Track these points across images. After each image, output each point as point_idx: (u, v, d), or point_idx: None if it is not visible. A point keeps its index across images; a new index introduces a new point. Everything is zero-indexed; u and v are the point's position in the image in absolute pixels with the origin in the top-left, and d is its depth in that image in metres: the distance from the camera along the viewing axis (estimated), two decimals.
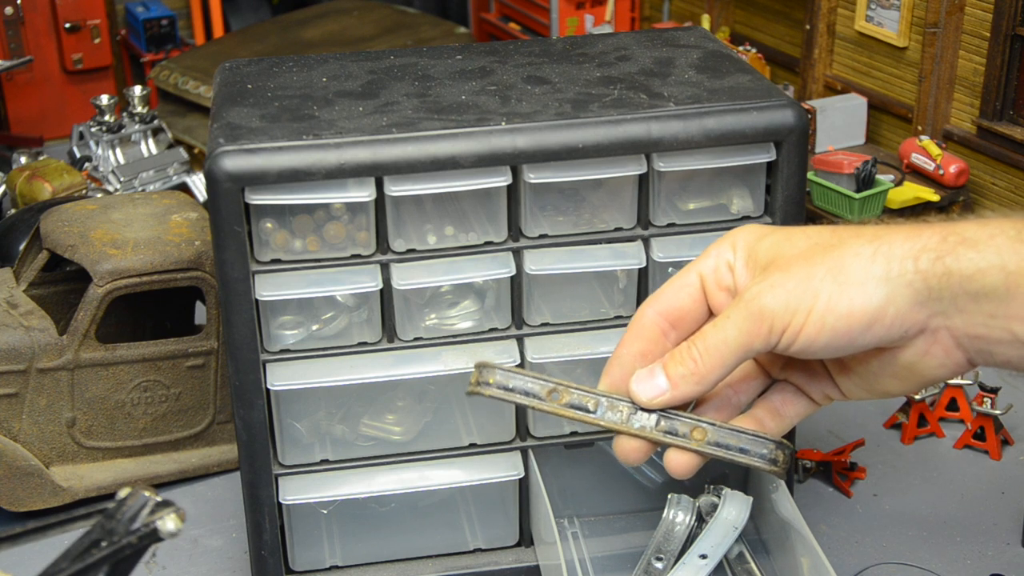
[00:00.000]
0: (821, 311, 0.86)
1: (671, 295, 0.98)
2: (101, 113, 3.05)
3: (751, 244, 0.94)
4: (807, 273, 0.87)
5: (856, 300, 0.85)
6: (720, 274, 0.95)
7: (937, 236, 0.85)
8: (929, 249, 0.84)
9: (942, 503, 2.08)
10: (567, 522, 1.97)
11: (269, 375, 1.73)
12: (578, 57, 1.92)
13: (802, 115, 1.72)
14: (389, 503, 1.90)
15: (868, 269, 0.85)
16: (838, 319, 0.85)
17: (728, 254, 0.96)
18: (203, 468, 2.20)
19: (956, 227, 0.85)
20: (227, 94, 1.80)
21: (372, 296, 1.74)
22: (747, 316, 0.88)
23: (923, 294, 0.84)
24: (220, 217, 1.63)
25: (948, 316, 0.85)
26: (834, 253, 0.87)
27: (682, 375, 0.92)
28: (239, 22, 3.96)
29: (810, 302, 0.86)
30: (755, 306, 0.88)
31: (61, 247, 2.10)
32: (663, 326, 0.98)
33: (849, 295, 0.85)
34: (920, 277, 0.84)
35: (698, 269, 0.98)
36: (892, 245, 0.86)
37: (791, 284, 0.87)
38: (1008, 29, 2.45)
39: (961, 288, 0.83)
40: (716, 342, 0.90)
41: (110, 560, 0.90)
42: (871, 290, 0.85)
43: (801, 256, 0.88)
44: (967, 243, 0.83)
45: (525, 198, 1.73)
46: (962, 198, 2.56)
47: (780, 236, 0.92)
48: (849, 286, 0.85)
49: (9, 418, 2.07)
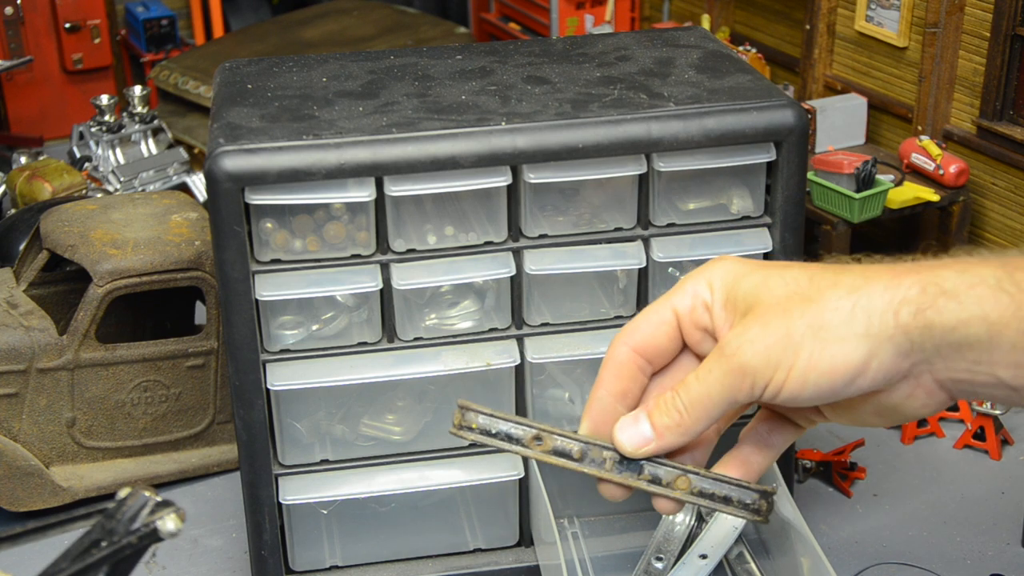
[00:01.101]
0: (803, 368, 0.86)
1: (647, 332, 0.96)
2: (101, 113, 3.05)
3: (729, 285, 0.92)
4: (786, 328, 0.86)
5: (838, 357, 0.85)
6: (697, 314, 0.94)
7: (917, 287, 0.84)
8: (909, 301, 0.84)
9: (942, 503, 2.08)
10: (567, 522, 1.97)
11: (269, 375, 1.73)
12: (578, 57, 1.92)
13: (802, 115, 1.72)
14: (389, 503, 1.90)
15: (848, 326, 0.85)
16: (820, 376, 0.86)
17: (705, 293, 0.93)
18: (203, 468, 2.20)
19: (935, 275, 0.84)
20: (227, 94, 1.80)
21: (372, 296, 1.74)
22: (728, 372, 0.88)
23: (905, 347, 0.84)
24: (220, 217, 1.63)
25: (931, 363, 0.85)
26: (813, 307, 0.86)
27: (667, 426, 0.92)
28: (239, 22, 3.96)
29: (791, 359, 0.86)
30: (735, 362, 0.88)
31: (61, 247, 2.10)
32: (639, 363, 0.96)
33: (831, 352, 0.85)
34: (901, 331, 0.84)
35: (673, 305, 0.95)
36: (871, 298, 0.85)
37: (771, 339, 0.87)
38: (1008, 29, 2.45)
39: (943, 339, 0.83)
40: (700, 395, 0.90)
41: (110, 560, 0.90)
42: (851, 347, 0.85)
43: (779, 307, 0.88)
44: (947, 295, 0.83)
45: (525, 198, 1.73)
46: (962, 198, 2.56)
47: (758, 279, 0.91)
48: (830, 343, 0.85)
49: (9, 418, 2.07)
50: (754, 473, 0.98)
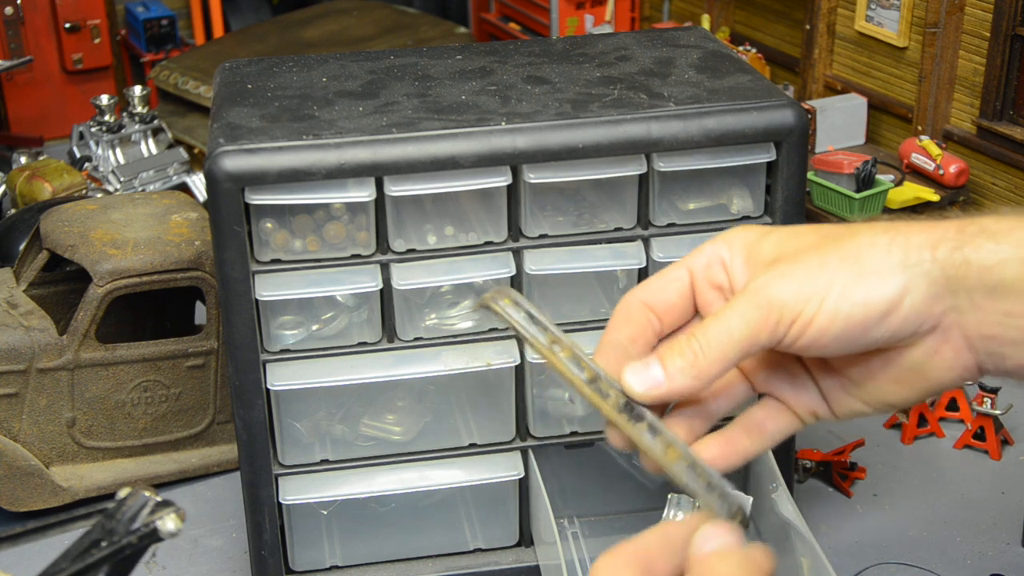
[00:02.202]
0: (835, 299, 0.82)
1: (658, 286, 0.91)
2: (101, 113, 3.05)
3: (751, 242, 0.89)
4: (820, 261, 0.83)
5: (872, 288, 0.81)
6: (712, 271, 0.90)
7: (955, 227, 0.82)
8: (947, 239, 0.82)
9: (942, 503, 2.08)
10: (567, 522, 1.97)
11: (269, 375, 1.73)
12: (578, 57, 1.92)
13: (802, 115, 1.72)
14: (389, 503, 1.90)
15: (885, 258, 0.82)
16: (853, 307, 0.82)
17: (723, 251, 0.89)
18: (203, 468, 2.20)
19: (975, 219, 0.83)
20: (227, 94, 1.80)
21: (372, 296, 1.74)
22: (754, 306, 0.83)
23: (940, 285, 0.82)
24: (220, 217, 1.63)
25: (963, 312, 0.82)
26: (849, 243, 0.84)
27: (680, 368, 0.85)
28: (239, 22, 3.96)
29: (823, 291, 0.82)
30: (763, 296, 0.83)
31: (61, 247, 2.10)
32: (649, 316, 0.91)
33: (865, 283, 0.82)
34: (938, 267, 0.81)
35: (688, 264, 0.91)
36: (909, 235, 0.83)
37: (802, 273, 0.83)
38: (1008, 29, 2.45)
39: (979, 280, 0.81)
40: (719, 334, 0.84)
41: (110, 560, 0.90)
42: (888, 279, 0.81)
43: (812, 246, 0.85)
44: (986, 234, 0.81)
45: (525, 198, 1.73)
46: (962, 198, 2.56)
47: (785, 233, 0.88)
48: (865, 274, 0.82)
49: (9, 418, 2.07)
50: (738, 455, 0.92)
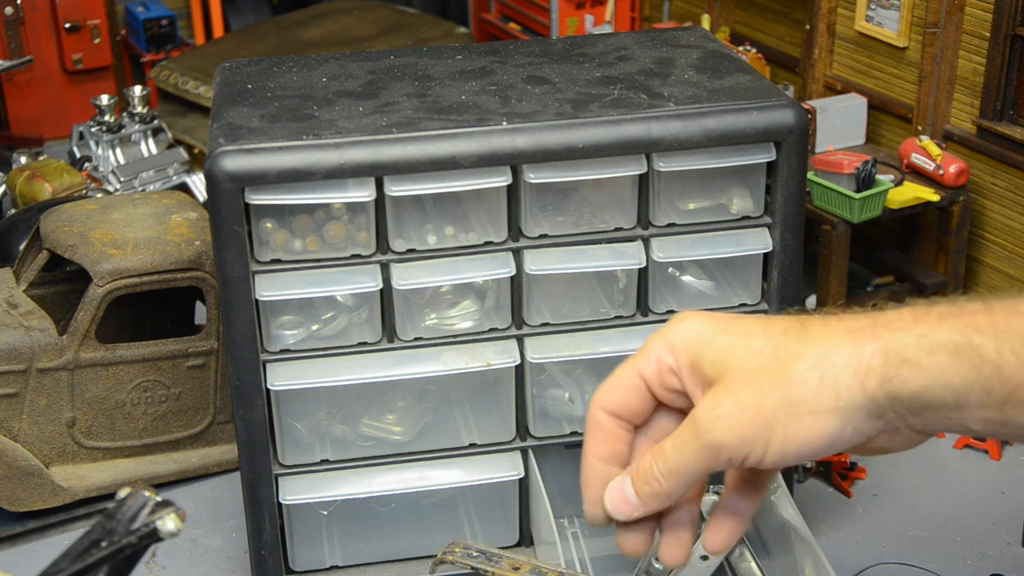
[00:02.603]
0: (780, 443, 0.88)
1: (619, 396, 0.99)
2: (101, 113, 3.05)
3: (692, 351, 0.94)
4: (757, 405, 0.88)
5: (812, 429, 0.87)
6: (664, 378, 0.96)
7: (879, 355, 0.86)
8: (873, 371, 0.86)
9: (942, 503, 2.08)
10: (567, 522, 1.97)
11: (269, 375, 1.73)
12: (578, 57, 1.91)
13: (802, 115, 1.72)
14: (389, 503, 1.90)
15: (818, 399, 0.87)
16: (800, 447, 0.88)
17: (668, 359, 0.95)
18: (203, 468, 2.20)
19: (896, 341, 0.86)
20: (227, 94, 1.80)
21: (372, 296, 1.74)
22: (703, 447, 0.91)
23: (875, 412, 0.87)
24: (220, 217, 1.63)
25: (905, 419, 0.88)
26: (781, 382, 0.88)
27: (648, 493, 0.96)
28: (239, 22, 3.96)
29: (767, 435, 0.88)
30: (709, 439, 0.90)
31: (61, 247, 2.10)
32: (618, 423, 0.99)
33: (805, 425, 0.87)
34: (870, 400, 0.86)
35: (639, 370, 0.97)
36: (836, 369, 0.87)
37: (743, 416, 0.89)
38: (1008, 29, 2.45)
39: (912, 403, 0.86)
40: (677, 465, 0.93)
41: (110, 560, 0.90)
42: (824, 420, 0.87)
43: (748, 380, 0.89)
44: (909, 364, 0.85)
45: (525, 198, 1.73)
46: (962, 198, 2.56)
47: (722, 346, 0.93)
48: (802, 416, 0.87)
49: (9, 418, 2.07)
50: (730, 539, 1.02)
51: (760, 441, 0.88)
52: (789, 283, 1.82)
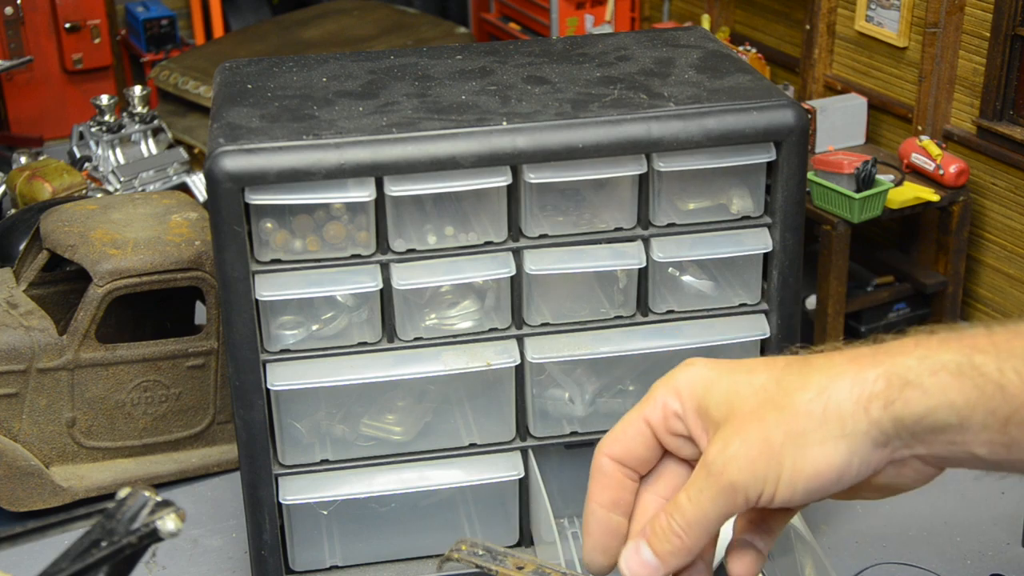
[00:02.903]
0: (789, 477, 0.89)
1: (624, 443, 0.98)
2: (101, 113, 3.05)
3: (698, 395, 0.95)
4: (765, 440, 0.89)
5: (820, 461, 0.88)
6: (669, 423, 0.96)
7: (882, 380, 0.87)
8: (876, 396, 0.87)
9: (942, 503, 2.08)
10: (567, 522, 1.97)
11: (269, 375, 1.73)
12: (578, 57, 1.91)
13: (802, 115, 1.72)
14: (389, 503, 1.90)
15: (824, 429, 0.88)
16: (808, 481, 0.89)
17: (674, 404, 0.95)
18: (203, 468, 2.20)
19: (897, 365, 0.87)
20: (227, 94, 1.80)
21: (372, 296, 1.74)
22: (719, 492, 0.91)
23: (881, 439, 0.87)
24: (220, 217, 1.63)
25: (911, 447, 0.88)
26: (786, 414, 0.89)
27: (669, 552, 0.94)
28: (239, 22, 3.96)
29: (776, 470, 0.89)
30: (724, 481, 0.91)
31: (61, 247, 2.10)
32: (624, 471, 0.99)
33: (813, 457, 0.88)
34: (875, 426, 0.87)
35: (645, 417, 0.97)
36: (839, 397, 0.88)
37: (753, 453, 0.89)
38: (1008, 29, 2.45)
39: (916, 427, 0.86)
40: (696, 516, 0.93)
41: (110, 560, 0.90)
42: (831, 450, 0.88)
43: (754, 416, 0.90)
44: (911, 386, 0.85)
45: (525, 198, 1.73)
46: (962, 198, 2.56)
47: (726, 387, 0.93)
48: (809, 448, 0.88)
49: (9, 418, 2.07)
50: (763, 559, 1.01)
51: (771, 477, 0.89)
52: (789, 283, 1.82)
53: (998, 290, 2.65)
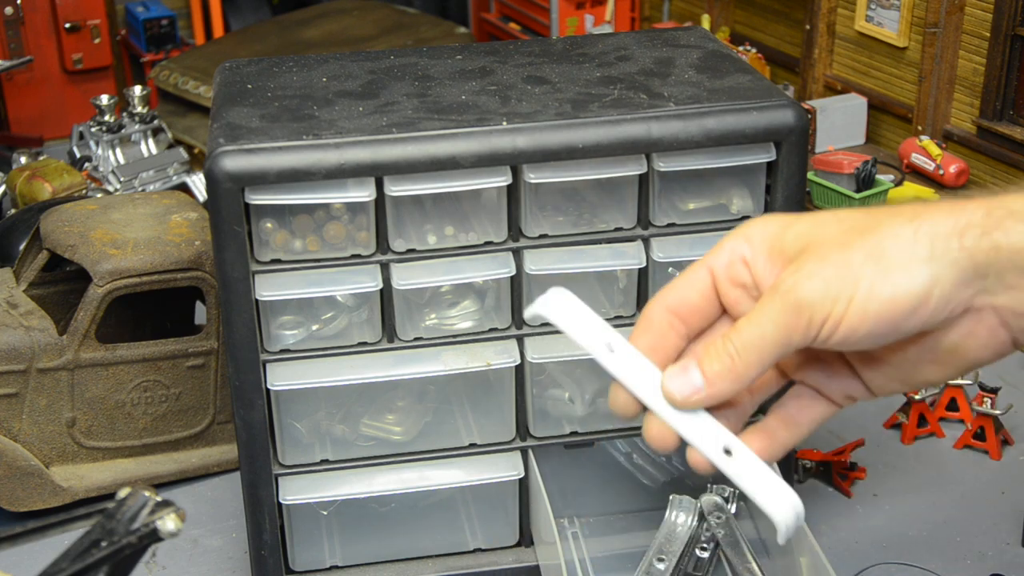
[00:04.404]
0: (863, 298, 0.81)
1: (680, 290, 0.92)
2: (101, 113, 3.05)
3: (773, 236, 0.88)
4: (845, 259, 0.82)
5: (900, 284, 0.81)
6: (734, 269, 0.89)
7: (982, 210, 0.81)
8: (974, 225, 0.81)
9: (942, 503, 2.08)
10: (567, 522, 1.97)
11: (269, 375, 1.73)
12: (578, 57, 1.92)
13: (802, 115, 1.72)
14: (389, 503, 1.90)
15: (911, 250, 0.81)
16: (881, 305, 0.81)
17: (743, 248, 0.89)
18: (203, 468, 2.20)
19: (1001, 200, 0.81)
20: (227, 94, 1.80)
21: (372, 296, 1.74)
22: (784, 308, 0.83)
23: (969, 272, 0.81)
24: (220, 217, 1.63)
25: (994, 293, 0.82)
26: (873, 236, 0.83)
27: (718, 372, 0.87)
28: (239, 22, 3.96)
29: (851, 289, 0.82)
30: (792, 297, 0.83)
31: (61, 247, 2.10)
32: (671, 320, 0.92)
33: (892, 279, 0.81)
34: (966, 255, 0.81)
35: (709, 264, 0.91)
36: (935, 223, 0.82)
37: (829, 272, 0.82)
38: (1008, 29, 2.45)
39: (1010, 262, 0.80)
40: (753, 338, 0.85)
41: (110, 560, 0.90)
42: (915, 273, 0.81)
43: (836, 241, 0.84)
44: (1015, 216, 0.80)
45: (525, 198, 1.73)
46: None
47: (808, 223, 0.87)
48: (892, 270, 0.81)
49: (9, 418, 2.07)
50: (779, 447, 0.93)
51: (844, 296, 0.81)
52: None
53: None
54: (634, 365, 0.93)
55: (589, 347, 0.94)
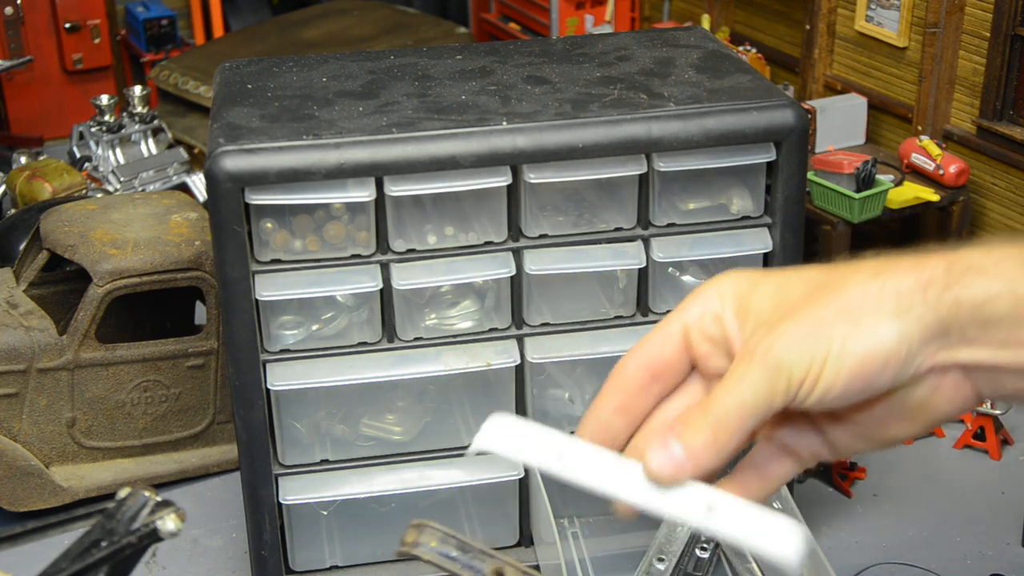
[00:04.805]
0: (837, 355, 0.82)
1: (655, 346, 0.91)
2: (101, 113, 3.05)
3: (741, 293, 0.89)
4: (816, 318, 0.83)
5: (871, 341, 0.82)
6: (705, 324, 0.89)
7: (942, 266, 0.83)
8: (936, 280, 0.82)
9: (942, 503, 2.08)
10: (567, 522, 1.97)
11: (269, 375, 1.73)
12: (578, 57, 1.91)
13: (802, 115, 1.72)
14: (389, 503, 1.90)
15: (879, 307, 0.82)
16: (855, 362, 0.82)
17: (714, 303, 0.89)
18: (203, 468, 2.20)
19: (960, 255, 0.83)
20: (227, 94, 1.80)
21: (372, 296, 1.74)
22: (763, 373, 0.83)
23: (934, 328, 0.82)
24: (220, 217, 1.63)
25: (957, 349, 0.83)
26: (840, 293, 0.84)
27: (702, 445, 0.85)
28: (239, 22, 3.96)
29: (825, 348, 0.82)
30: (770, 360, 0.83)
31: (61, 247, 2.10)
32: (644, 379, 0.91)
33: (864, 336, 0.82)
34: (931, 310, 0.82)
35: (681, 319, 0.90)
36: (898, 279, 0.83)
37: (802, 331, 0.83)
38: (1008, 29, 2.45)
39: (971, 317, 0.81)
40: (734, 405, 0.84)
41: (110, 560, 0.90)
42: (885, 329, 0.82)
43: (805, 300, 0.84)
44: (974, 270, 0.82)
45: (525, 198, 1.73)
46: (962, 198, 2.56)
47: (774, 283, 0.88)
48: (862, 327, 0.82)
49: (9, 418, 2.07)
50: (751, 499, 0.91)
51: (819, 355, 0.82)
52: None
53: None
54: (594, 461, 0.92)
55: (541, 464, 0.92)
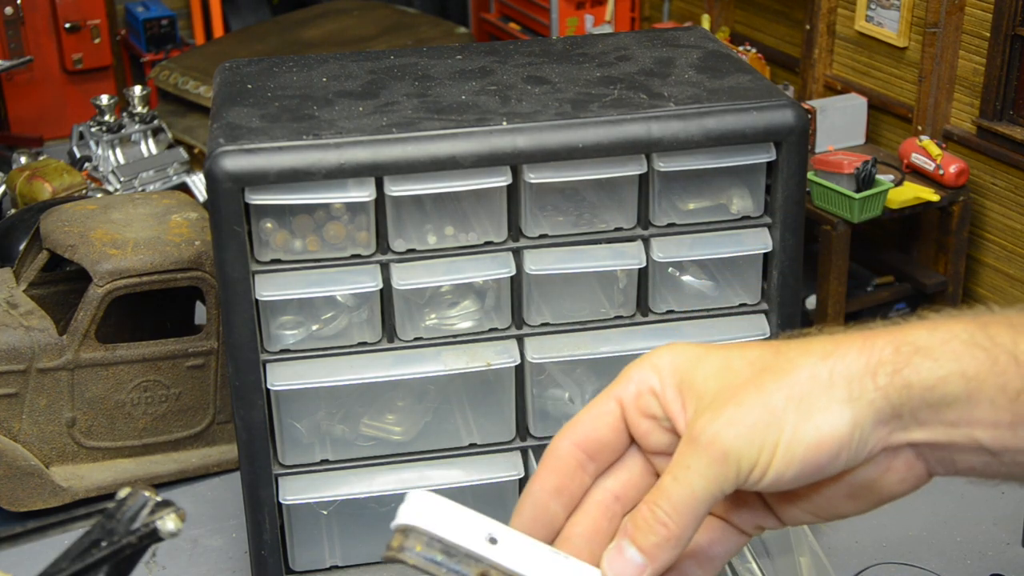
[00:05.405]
0: (787, 443, 0.81)
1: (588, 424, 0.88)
2: (101, 113, 3.05)
3: (682, 369, 0.86)
4: (764, 403, 0.82)
5: (823, 428, 0.80)
6: (643, 400, 0.87)
7: (890, 347, 0.81)
8: (884, 363, 0.81)
9: (942, 503, 2.08)
10: None
11: (269, 375, 1.73)
12: (578, 57, 1.91)
13: (802, 115, 1.72)
14: (389, 503, 1.90)
15: (829, 392, 0.81)
16: (807, 450, 0.81)
17: (652, 379, 0.87)
18: (203, 468, 2.20)
19: (907, 335, 0.81)
20: (227, 94, 1.80)
21: (372, 296, 1.74)
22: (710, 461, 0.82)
23: (885, 412, 0.81)
24: (220, 217, 1.63)
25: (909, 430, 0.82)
26: (788, 377, 0.82)
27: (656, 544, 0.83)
28: (239, 22, 3.96)
29: (775, 435, 0.81)
30: (717, 449, 0.82)
31: (61, 247, 2.10)
32: (580, 458, 0.89)
33: (815, 423, 0.81)
34: (881, 394, 0.81)
35: (616, 395, 0.88)
36: (847, 362, 0.81)
37: (750, 417, 0.81)
38: (1008, 29, 2.45)
39: (921, 400, 0.80)
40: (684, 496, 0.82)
41: (110, 560, 0.90)
42: (836, 416, 0.81)
43: (751, 384, 0.83)
44: (922, 352, 0.80)
45: (525, 198, 1.73)
46: (962, 198, 2.56)
47: (717, 361, 0.85)
48: (813, 413, 0.81)
49: (9, 418, 2.07)
50: None
51: (769, 443, 0.81)
52: (789, 283, 1.82)
53: (998, 290, 2.65)
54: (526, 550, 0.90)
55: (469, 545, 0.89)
